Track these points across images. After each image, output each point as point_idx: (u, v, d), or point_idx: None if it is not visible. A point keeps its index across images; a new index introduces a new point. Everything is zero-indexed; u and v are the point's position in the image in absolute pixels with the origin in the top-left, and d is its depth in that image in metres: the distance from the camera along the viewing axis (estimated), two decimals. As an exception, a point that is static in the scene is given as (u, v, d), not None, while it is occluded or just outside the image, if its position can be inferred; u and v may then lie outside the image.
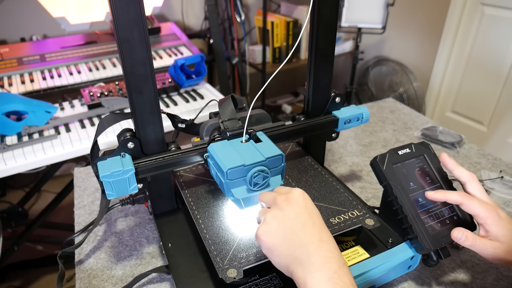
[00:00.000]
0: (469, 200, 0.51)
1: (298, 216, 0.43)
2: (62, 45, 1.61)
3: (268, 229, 0.43)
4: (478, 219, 0.51)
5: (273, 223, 0.43)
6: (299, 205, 0.44)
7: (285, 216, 0.43)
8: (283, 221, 0.43)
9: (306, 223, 0.43)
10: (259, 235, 0.43)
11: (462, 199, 0.51)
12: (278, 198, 0.45)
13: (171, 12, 2.20)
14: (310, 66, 0.66)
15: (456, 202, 0.52)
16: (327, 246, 0.42)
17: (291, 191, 0.46)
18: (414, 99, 2.20)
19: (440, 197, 0.53)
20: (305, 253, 0.41)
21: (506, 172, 0.85)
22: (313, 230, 0.42)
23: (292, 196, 0.45)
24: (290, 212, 0.43)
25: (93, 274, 0.62)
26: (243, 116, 0.60)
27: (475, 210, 0.51)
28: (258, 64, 2.31)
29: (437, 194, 0.53)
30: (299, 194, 0.45)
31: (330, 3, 0.60)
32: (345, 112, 0.70)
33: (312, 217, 0.44)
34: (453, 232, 0.51)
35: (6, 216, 1.52)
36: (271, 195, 0.47)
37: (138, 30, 0.49)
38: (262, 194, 0.49)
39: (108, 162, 0.54)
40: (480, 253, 0.51)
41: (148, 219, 0.74)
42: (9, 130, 1.09)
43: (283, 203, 0.44)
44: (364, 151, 0.96)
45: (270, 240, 0.43)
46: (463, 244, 0.51)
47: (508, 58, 1.84)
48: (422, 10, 2.15)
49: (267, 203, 0.47)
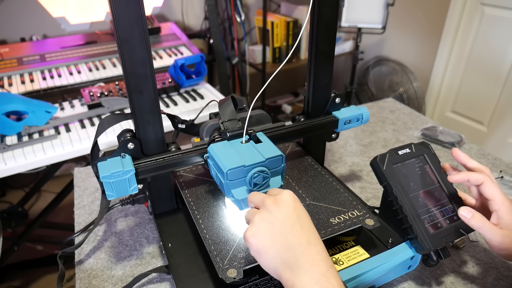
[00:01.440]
0: (490, 181, 0.52)
1: (287, 218, 0.43)
2: (62, 45, 1.61)
3: (256, 231, 0.43)
4: (493, 203, 0.52)
5: (261, 225, 0.43)
6: (287, 207, 0.43)
7: (273, 218, 0.43)
8: (271, 223, 0.43)
9: (295, 225, 0.42)
10: (247, 237, 0.43)
11: (484, 178, 0.52)
12: (267, 200, 0.44)
13: (171, 12, 2.20)
14: (310, 66, 0.66)
15: (477, 181, 0.53)
16: (315, 248, 0.41)
17: (280, 193, 0.45)
18: (414, 99, 2.20)
19: (463, 177, 0.53)
20: (293, 256, 0.41)
21: (506, 172, 0.85)
22: (301, 232, 0.42)
23: (281, 197, 0.44)
24: (278, 214, 0.43)
25: (93, 274, 0.62)
26: (243, 116, 0.60)
27: (493, 193, 0.51)
28: (258, 64, 2.31)
29: (459, 175, 0.54)
30: (288, 196, 0.45)
31: (330, 3, 0.60)
32: (345, 113, 0.70)
33: (301, 219, 0.43)
34: (460, 209, 0.51)
35: (6, 216, 1.52)
36: (260, 196, 0.46)
37: (138, 30, 0.49)
38: (251, 195, 0.49)
39: (108, 162, 0.54)
40: (488, 239, 0.51)
41: (148, 219, 0.74)
42: (9, 130, 1.09)
43: (271, 205, 0.44)
44: (364, 151, 0.96)
45: (258, 242, 0.42)
46: (469, 223, 0.50)
47: (508, 58, 1.84)
48: (422, 10, 2.15)
49: (256, 204, 0.47)
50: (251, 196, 0.48)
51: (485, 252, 0.65)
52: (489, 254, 0.65)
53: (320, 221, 0.56)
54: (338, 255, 0.56)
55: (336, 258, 0.56)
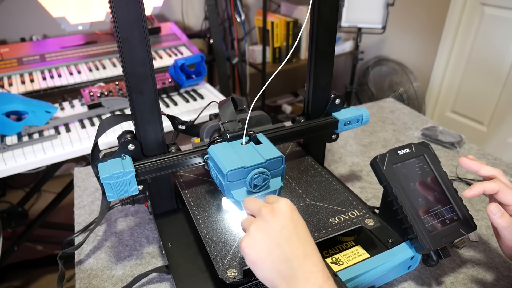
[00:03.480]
0: (505, 187, 0.51)
1: (283, 228, 0.42)
2: (62, 45, 1.61)
3: (251, 242, 0.42)
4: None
5: (257, 236, 0.42)
6: (284, 217, 0.42)
7: (270, 228, 0.42)
8: (268, 234, 0.41)
9: (291, 236, 0.41)
10: (242, 248, 0.42)
11: (499, 186, 0.51)
12: (263, 209, 0.43)
13: (171, 12, 2.20)
14: (310, 66, 0.66)
15: (493, 191, 0.52)
16: (311, 260, 0.41)
17: (277, 201, 0.44)
18: (414, 99, 2.20)
19: (478, 191, 0.52)
20: (289, 268, 0.40)
21: (506, 172, 0.85)
22: (298, 243, 0.41)
23: (277, 206, 0.43)
24: (275, 224, 0.42)
25: (93, 274, 0.62)
26: (243, 117, 0.60)
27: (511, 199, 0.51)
28: (258, 64, 2.31)
29: (473, 190, 0.52)
30: (285, 205, 0.43)
31: (330, 3, 0.60)
32: (345, 114, 0.70)
33: (297, 229, 0.42)
34: (490, 205, 0.50)
35: (6, 216, 1.52)
36: (257, 204, 0.45)
37: (138, 30, 0.49)
38: (247, 201, 0.47)
39: (109, 164, 0.54)
40: (507, 239, 0.51)
41: (148, 219, 0.74)
42: (9, 130, 1.09)
43: (267, 215, 0.42)
44: (364, 151, 0.96)
45: (253, 253, 0.41)
46: (496, 221, 0.50)
47: (508, 58, 1.84)
48: (422, 10, 2.15)
49: (252, 212, 0.46)
50: (247, 203, 0.47)
51: (485, 252, 0.65)
52: (489, 254, 0.65)
53: (320, 221, 0.56)
54: (338, 255, 0.56)
55: (336, 258, 0.56)
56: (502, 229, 0.50)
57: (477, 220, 0.71)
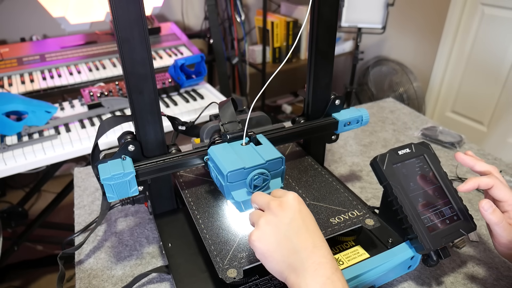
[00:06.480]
0: (500, 183, 0.52)
1: (292, 221, 0.43)
2: (62, 45, 1.61)
3: (261, 235, 0.43)
4: (505, 205, 0.52)
5: (266, 229, 0.43)
6: (293, 210, 0.43)
7: (279, 222, 0.43)
8: (277, 227, 0.43)
9: (300, 228, 0.43)
10: (252, 241, 0.43)
11: (494, 181, 0.52)
12: (272, 202, 0.44)
13: (171, 12, 2.20)
14: (310, 66, 0.66)
15: (487, 186, 0.52)
16: (320, 251, 0.42)
17: (285, 195, 0.45)
18: (414, 99, 2.20)
19: (473, 186, 0.53)
20: (299, 259, 0.41)
21: (506, 172, 0.85)
22: (307, 235, 0.42)
23: (286, 200, 0.44)
24: (284, 217, 0.43)
25: (93, 274, 0.62)
26: (243, 118, 0.60)
27: (504, 195, 0.51)
28: (258, 64, 2.31)
29: (468, 184, 0.53)
30: (293, 199, 0.44)
31: (330, 3, 0.60)
32: (345, 115, 0.70)
33: (306, 222, 0.43)
34: (482, 201, 0.51)
35: (6, 216, 1.52)
36: (265, 199, 0.46)
37: (138, 30, 0.49)
38: (255, 195, 0.48)
39: (109, 164, 0.54)
40: (500, 236, 0.51)
41: (148, 219, 0.74)
42: (9, 130, 1.09)
43: (276, 208, 0.43)
44: (364, 151, 0.96)
45: (263, 246, 0.42)
46: (488, 217, 0.50)
47: (508, 58, 1.84)
48: (422, 10, 2.15)
49: (260, 206, 0.47)
50: (256, 197, 0.48)
51: (485, 252, 0.65)
52: (489, 254, 0.65)
53: (320, 221, 0.56)
54: (338, 255, 0.56)
55: (336, 258, 0.56)
56: (494, 225, 0.51)
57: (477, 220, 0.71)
